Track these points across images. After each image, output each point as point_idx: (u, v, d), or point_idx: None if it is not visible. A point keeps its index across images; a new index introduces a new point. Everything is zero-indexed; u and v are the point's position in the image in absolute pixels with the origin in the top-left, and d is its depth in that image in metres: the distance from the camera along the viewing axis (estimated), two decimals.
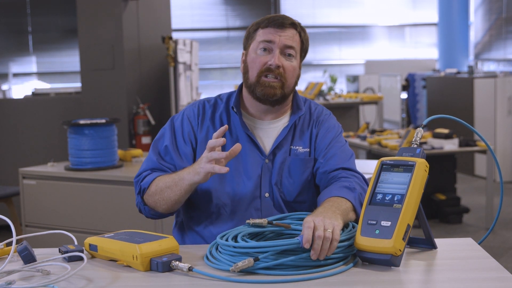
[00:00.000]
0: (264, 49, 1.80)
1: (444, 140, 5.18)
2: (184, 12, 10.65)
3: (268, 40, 1.80)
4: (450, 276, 1.36)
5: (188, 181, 1.68)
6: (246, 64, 1.85)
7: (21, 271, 1.42)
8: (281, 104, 1.86)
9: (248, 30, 1.88)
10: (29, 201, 3.67)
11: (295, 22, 1.84)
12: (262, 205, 1.81)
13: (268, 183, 1.83)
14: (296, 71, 1.84)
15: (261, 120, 1.88)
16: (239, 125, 1.86)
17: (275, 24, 1.80)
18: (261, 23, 1.83)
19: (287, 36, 1.80)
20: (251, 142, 1.84)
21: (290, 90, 1.84)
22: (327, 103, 7.24)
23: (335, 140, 1.88)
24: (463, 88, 7.56)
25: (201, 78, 9.27)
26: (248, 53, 1.85)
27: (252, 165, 1.83)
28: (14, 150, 5.12)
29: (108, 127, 3.60)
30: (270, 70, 1.79)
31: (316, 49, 11.13)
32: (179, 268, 1.41)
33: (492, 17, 10.38)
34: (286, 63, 1.80)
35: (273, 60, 1.78)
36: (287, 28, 1.81)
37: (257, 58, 1.81)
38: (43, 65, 9.88)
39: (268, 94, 1.80)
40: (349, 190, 1.69)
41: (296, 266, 1.39)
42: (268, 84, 1.79)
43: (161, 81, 5.13)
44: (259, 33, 1.82)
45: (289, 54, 1.81)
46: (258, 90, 1.80)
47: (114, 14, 4.68)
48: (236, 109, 1.86)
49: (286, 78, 1.80)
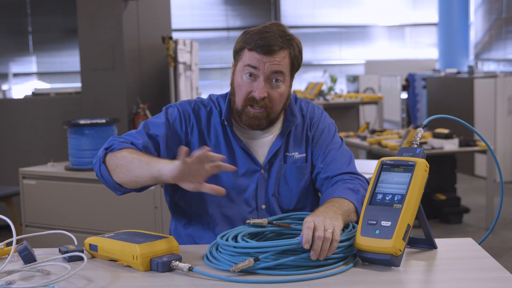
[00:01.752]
0: (249, 74, 1.70)
1: (444, 140, 5.18)
2: (184, 12, 10.65)
3: (253, 65, 1.69)
4: (450, 276, 1.36)
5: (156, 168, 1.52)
6: (232, 85, 1.77)
7: (21, 271, 1.42)
8: (271, 126, 1.80)
9: (236, 43, 1.76)
10: (29, 201, 3.67)
11: (283, 45, 1.69)
12: (259, 217, 1.77)
13: (264, 195, 1.79)
14: (284, 96, 1.74)
15: (253, 131, 1.82)
16: (232, 137, 1.80)
17: (261, 50, 1.67)
18: (248, 43, 1.70)
19: (275, 62, 1.68)
20: (245, 153, 1.79)
21: (278, 114, 1.77)
22: (327, 103, 7.24)
23: (332, 142, 1.84)
24: (463, 88, 7.56)
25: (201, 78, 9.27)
26: (235, 72, 1.76)
27: (247, 177, 1.79)
28: (14, 150, 5.12)
29: (108, 127, 3.60)
30: (255, 101, 1.71)
31: (316, 49, 11.12)
32: (179, 268, 1.41)
33: (492, 17, 10.38)
34: (272, 92, 1.71)
35: (257, 92, 1.69)
36: (275, 53, 1.68)
37: (242, 85, 1.72)
38: (43, 65, 9.89)
39: (253, 125, 1.74)
40: (353, 192, 1.67)
41: (296, 266, 1.39)
42: (253, 115, 1.72)
43: (161, 81, 5.12)
44: (245, 54, 1.71)
45: (276, 79, 1.70)
46: (244, 119, 1.74)
47: (114, 14, 4.68)
48: (227, 122, 1.79)
49: (272, 106, 1.72)
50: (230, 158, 1.80)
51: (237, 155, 1.79)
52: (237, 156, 1.79)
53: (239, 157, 1.79)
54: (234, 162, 1.79)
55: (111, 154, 1.66)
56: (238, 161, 1.79)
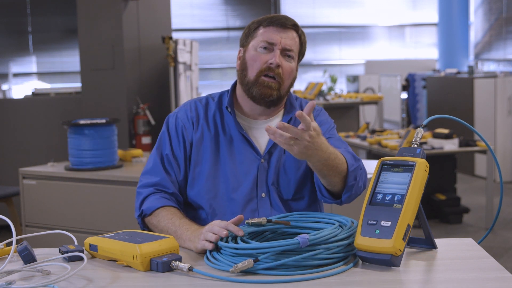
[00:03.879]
0: (264, 47, 1.79)
1: (444, 140, 5.18)
2: (184, 12, 10.65)
3: (270, 39, 1.78)
4: (450, 276, 1.36)
5: (185, 246, 1.62)
6: (244, 61, 1.83)
7: (21, 271, 1.42)
8: (276, 106, 1.85)
9: (248, 27, 1.86)
10: (29, 201, 3.67)
11: (296, 24, 1.83)
12: (259, 205, 1.80)
13: (265, 183, 1.81)
14: (293, 73, 1.83)
15: (255, 120, 1.87)
16: (233, 125, 1.84)
17: (277, 24, 1.79)
18: (263, 21, 1.82)
19: (288, 38, 1.79)
20: (246, 142, 1.83)
21: (285, 92, 1.84)
22: (327, 103, 7.24)
23: (329, 133, 1.87)
24: (463, 88, 7.56)
25: (201, 78, 9.27)
26: (247, 50, 1.83)
27: (247, 166, 1.81)
28: (14, 150, 5.12)
29: (108, 127, 3.60)
30: (270, 69, 1.77)
31: (316, 49, 11.12)
32: (179, 268, 1.41)
33: (492, 17, 10.38)
34: (285, 64, 1.79)
35: (273, 59, 1.77)
36: (289, 30, 1.80)
37: (258, 56, 1.79)
38: (43, 65, 9.89)
39: (265, 94, 1.78)
40: (353, 158, 1.73)
41: (296, 266, 1.39)
42: (267, 84, 1.78)
43: (161, 81, 5.12)
44: (260, 31, 1.81)
45: (288, 55, 1.80)
46: (255, 89, 1.79)
47: (114, 14, 4.68)
48: (230, 109, 1.85)
49: (283, 79, 1.79)
50: (229, 146, 1.83)
51: (237, 143, 1.83)
52: (237, 144, 1.82)
53: (239, 145, 1.82)
54: (233, 149, 1.82)
55: (146, 221, 1.80)
56: (238, 148, 1.82)
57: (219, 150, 1.83)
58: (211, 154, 1.82)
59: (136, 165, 3.73)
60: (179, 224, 1.68)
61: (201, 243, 1.54)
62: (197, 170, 1.83)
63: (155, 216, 1.75)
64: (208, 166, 1.82)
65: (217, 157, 1.82)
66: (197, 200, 1.82)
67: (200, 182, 1.81)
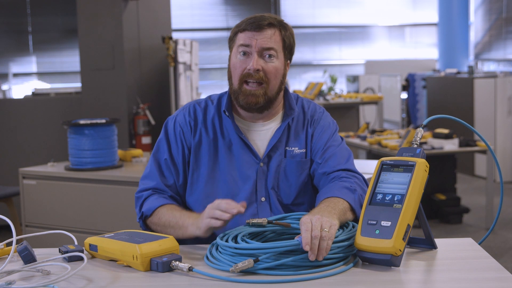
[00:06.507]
0: (243, 53, 1.76)
1: (444, 140, 5.18)
2: (184, 12, 10.66)
3: (246, 44, 1.75)
4: (450, 276, 1.36)
5: (190, 233, 1.63)
6: (229, 69, 1.82)
7: (21, 271, 1.42)
8: (269, 108, 1.83)
9: (231, 32, 1.84)
10: (29, 201, 3.67)
11: (272, 22, 1.78)
12: (258, 210, 1.79)
13: (264, 187, 1.80)
14: (279, 72, 1.79)
15: (253, 123, 1.85)
16: (232, 128, 1.82)
17: (251, 27, 1.76)
18: (240, 25, 1.79)
19: (265, 38, 1.75)
20: (244, 146, 1.81)
21: (274, 93, 1.80)
22: (327, 103, 7.24)
23: (332, 139, 1.85)
24: (463, 88, 7.56)
25: (201, 78, 9.28)
26: (230, 57, 1.82)
27: (246, 170, 1.80)
28: (14, 150, 5.12)
29: (108, 127, 3.60)
30: (250, 75, 1.75)
31: (316, 49, 11.12)
32: (179, 268, 1.41)
33: (492, 17, 10.38)
34: (268, 65, 1.76)
35: (251, 64, 1.74)
36: (265, 29, 1.76)
37: (237, 63, 1.77)
38: (43, 65, 9.88)
39: (250, 103, 1.76)
40: (350, 191, 1.68)
41: (296, 267, 1.39)
42: (250, 93, 1.75)
43: (161, 81, 5.13)
44: (238, 37, 1.78)
45: (269, 55, 1.76)
46: (241, 98, 1.77)
47: (114, 14, 4.68)
48: (228, 112, 1.83)
49: (268, 81, 1.76)
50: (228, 150, 1.81)
51: (236, 147, 1.81)
52: (236, 148, 1.81)
53: (238, 149, 1.81)
54: (232, 153, 1.81)
55: (148, 222, 1.78)
56: (237, 153, 1.81)
57: (218, 154, 1.81)
58: (209, 159, 1.81)
59: (136, 165, 3.73)
60: (179, 215, 1.69)
61: (205, 221, 1.54)
62: (195, 175, 1.82)
63: (155, 215, 1.75)
64: (206, 171, 1.81)
65: (216, 162, 1.81)
66: (196, 206, 1.81)
67: (199, 187, 1.81)
